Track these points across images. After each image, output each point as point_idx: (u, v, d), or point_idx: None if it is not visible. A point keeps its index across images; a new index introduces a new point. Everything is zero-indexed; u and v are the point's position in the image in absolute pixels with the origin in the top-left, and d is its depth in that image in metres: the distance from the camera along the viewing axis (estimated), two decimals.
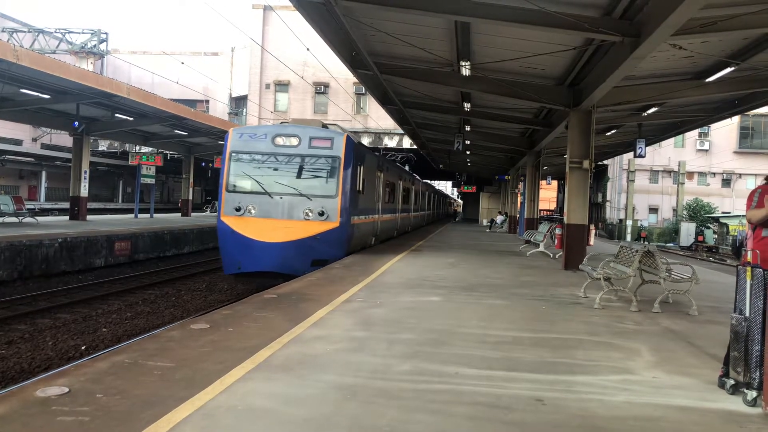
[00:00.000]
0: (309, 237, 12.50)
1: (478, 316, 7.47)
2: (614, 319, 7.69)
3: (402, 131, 31.71)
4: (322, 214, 12.60)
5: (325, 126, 14.57)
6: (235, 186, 13.04)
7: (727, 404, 4.36)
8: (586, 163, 13.83)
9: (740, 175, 47.97)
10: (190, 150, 33.23)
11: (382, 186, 18.45)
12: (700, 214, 44.28)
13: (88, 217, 24.88)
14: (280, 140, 13.08)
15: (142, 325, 10.60)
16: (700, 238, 38.88)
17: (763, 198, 4.56)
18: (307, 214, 12.61)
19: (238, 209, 12.70)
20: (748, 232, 4.77)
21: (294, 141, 13.04)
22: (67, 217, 24.77)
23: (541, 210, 31.26)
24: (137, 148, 32.72)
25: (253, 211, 12.67)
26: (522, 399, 4.29)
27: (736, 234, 35.05)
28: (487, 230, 35.43)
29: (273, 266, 12.15)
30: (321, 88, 40.61)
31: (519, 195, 31.63)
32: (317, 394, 4.20)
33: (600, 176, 46.75)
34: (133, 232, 19.23)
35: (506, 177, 37.78)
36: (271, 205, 12.70)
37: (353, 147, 13.38)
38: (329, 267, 12.02)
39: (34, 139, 45.56)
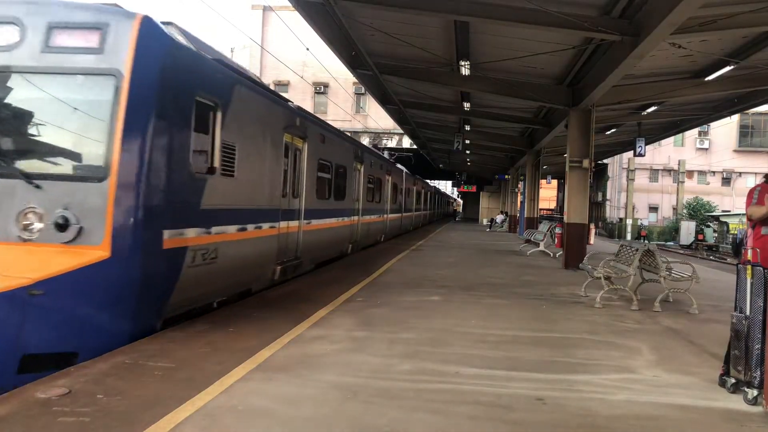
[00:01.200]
0: (17, 290, 4.81)
1: (478, 315, 7.47)
2: (615, 318, 7.69)
3: (402, 131, 31.73)
4: (63, 225, 5.23)
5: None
6: None
7: (727, 403, 4.36)
8: (585, 162, 13.84)
9: (740, 173, 47.98)
10: None
11: (309, 167, 10.57)
12: (700, 212, 44.29)
13: None
14: None
15: None
16: (700, 237, 38.89)
17: (763, 196, 4.57)
18: (28, 227, 5.28)
19: None
20: (748, 230, 4.77)
21: (8, 35, 5.55)
22: None
23: (541, 209, 31.26)
24: None
25: None
26: (522, 398, 4.28)
27: (736, 232, 35.02)
28: (488, 230, 35.45)
29: None
30: (321, 88, 40.60)
31: (519, 194, 31.66)
32: (317, 394, 4.20)
33: (600, 175, 46.75)
34: None
35: (506, 176, 37.80)
36: None
37: (170, 51, 5.96)
38: (328, 267, 11.91)
39: None
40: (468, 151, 30.68)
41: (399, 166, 25.32)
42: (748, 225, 4.76)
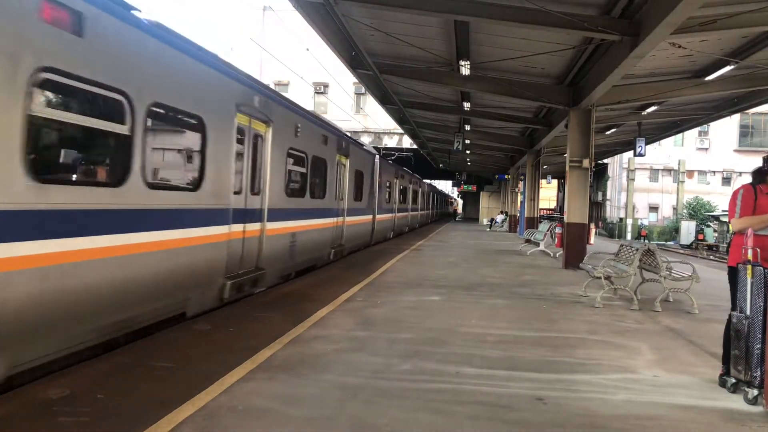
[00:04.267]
0: None
1: (478, 315, 7.47)
2: (615, 317, 7.69)
3: (402, 131, 31.71)
4: None
5: None
6: None
7: (728, 403, 4.36)
8: (585, 162, 13.84)
9: (740, 173, 47.85)
10: None
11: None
12: (700, 212, 44.30)
13: None
14: None
15: None
16: (701, 237, 38.90)
17: (748, 203, 4.66)
18: None
19: None
20: (749, 230, 4.76)
21: None
22: None
23: (541, 209, 31.24)
24: None
25: None
26: (523, 398, 4.28)
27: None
28: (488, 230, 35.44)
29: None
30: (321, 88, 40.56)
31: (519, 194, 31.64)
32: (318, 394, 4.20)
33: (600, 175, 46.76)
34: None
35: (506, 176, 37.78)
36: None
37: None
38: (329, 267, 12.01)
39: None
40: (468, 151, 30.66)
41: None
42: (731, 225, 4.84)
